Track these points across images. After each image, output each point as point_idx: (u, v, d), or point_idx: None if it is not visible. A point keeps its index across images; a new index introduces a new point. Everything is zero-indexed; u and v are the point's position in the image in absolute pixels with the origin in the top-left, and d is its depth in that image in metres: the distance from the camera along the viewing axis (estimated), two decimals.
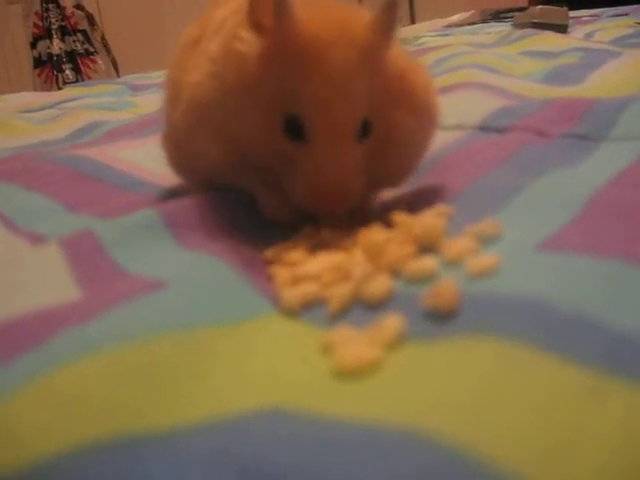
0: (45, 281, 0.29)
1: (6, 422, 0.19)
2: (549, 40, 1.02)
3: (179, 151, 0.39)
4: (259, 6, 0.31)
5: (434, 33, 1.52)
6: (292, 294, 0.25)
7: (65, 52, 2.33)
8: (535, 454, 0.16)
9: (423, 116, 0.34)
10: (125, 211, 0.38)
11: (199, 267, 0.28)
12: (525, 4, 2.21)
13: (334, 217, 0.31)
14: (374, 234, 0.28)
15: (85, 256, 0.31)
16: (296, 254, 0.28)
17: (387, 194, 0.38)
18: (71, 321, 0.24)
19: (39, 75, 2.34)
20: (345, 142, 0.31)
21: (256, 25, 0.31)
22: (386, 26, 0.31)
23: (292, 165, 0.31)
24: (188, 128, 0.35)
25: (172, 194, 0.43)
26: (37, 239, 0.37)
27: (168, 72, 0.41)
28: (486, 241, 0.28)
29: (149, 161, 0.52)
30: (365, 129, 0.31)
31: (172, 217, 0.34)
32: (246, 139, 0.32)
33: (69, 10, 2.35)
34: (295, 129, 0.31)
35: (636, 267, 0.23)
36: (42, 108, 1.03)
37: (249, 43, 0.31)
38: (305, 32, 0.30)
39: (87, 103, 1.01)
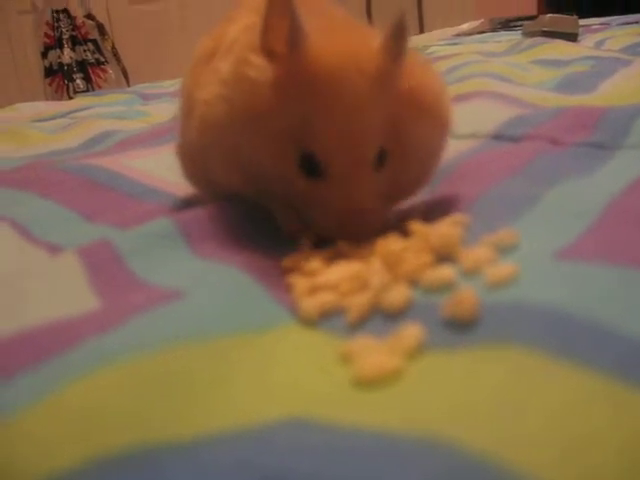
0: (63, 291, 0.29)
1: (23, 434, 0.19)
2: (559, 49, 1.02)
3: (194, 164, 0.39)
4: (272, 31, 0.30)
5: (443, 42, 1.52)
6: (310, 304, 0.25)
7: (76, 62, 2.34)
8: (553, 458, 0.16)
9: (437, 125, 0.34)
10: (140, 220, 0.38)
11: (216, 276, 0.28)
12: (535, 13, 2.21)
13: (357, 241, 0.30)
14: (391, 243, 0.28)
15: (103, 266, 0.31)
16: (314, 263, 0.28)
17: (403, 203, 0.38)
18: (89, 332, 0.24)
19: (50, 84, 2.36)
20: (363, 176, 0.30)
21: (268, 51, 0.31)
22: (396, 49, 0.31)
23: (308, 199, 0.31)
24: (202, 147, 0.35)
25: (186, 203, 0.43)
26: (53, 248, 0.37)
27: (183, 82, 0.41)
28: (503, 250, 0.28)
29: (162, 170, 0.52)
30: (381, 158, 0.31)
31: (188, 227, 0.34)
32: (259, 169, 0.32)
33: (80, 20, 2.37)
34: (310, 166, 0.30)
35: None
36: (54, 117, 1.04)
37: (260, 69, 0.31)
38: (318, 63, 0.30)
39: (98, 112, 1.01)
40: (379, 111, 0.31)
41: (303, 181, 0.31)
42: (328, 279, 0.26)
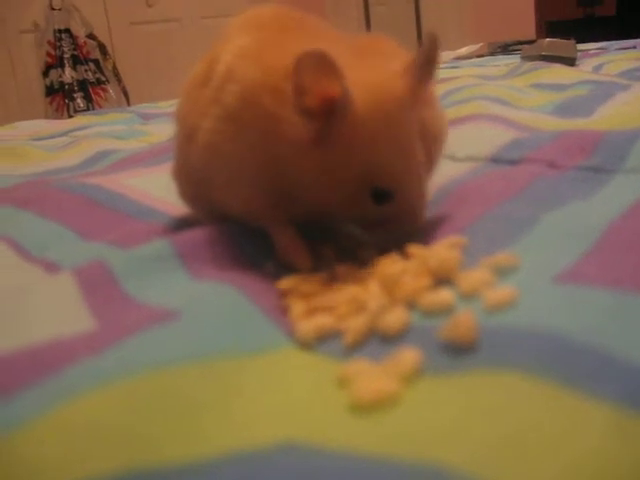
0: (59, 311, 0.29)
1: (19, 454, 0.19)
2: (558, 73, 1.02)
3: (193, 186, 0.39)
4: (306, 94, 0.31)
5: (443, 65, 1.53)
6: (307, 326, 0.25)
7: (77, 81, 2.35)
8: None
9: (444, 120, 0.37)
10: (137, 240, 0.38)
11: (213, 297, 0.28)
12: (533, 37, 2.23)
13: None
14: (389, 266, 0.28)
15: (98, 286, 0.31)
16: (311, 286, 0.28)
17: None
18: (85, 352, 0.24)
19: (50, 103, 2.36)
20: (423, 192, 0.33)
21: (305, 111, 0.31)
22: (427, 70, 0.33)
23: (376, 219, 0.33)
24: (207, 174, 0.36)
25: (183, 223, 0.43)
26: (50, 267, 0.37)
27: (178, 106, 0.41)
28: (502, 273, 0.27)
29: (160, 189, 0.52)
30: None
31: (184, 248, 0.34)
32: (321, 208, 0.33)
33: (82, 40, 2.38)
34: (381, 196, 0.32)
35: None
36: (53, 136, 1.04)
37: (299, 128, 0.31)
38: (364, 114, 0.31)
39: (98, 131, 1.01)
40: (416, 124, 0.32)
41: (373, 207, 0.32)
42: (325, 301, 0.26)
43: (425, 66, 0.32)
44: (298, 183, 0.32)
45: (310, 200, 0.33)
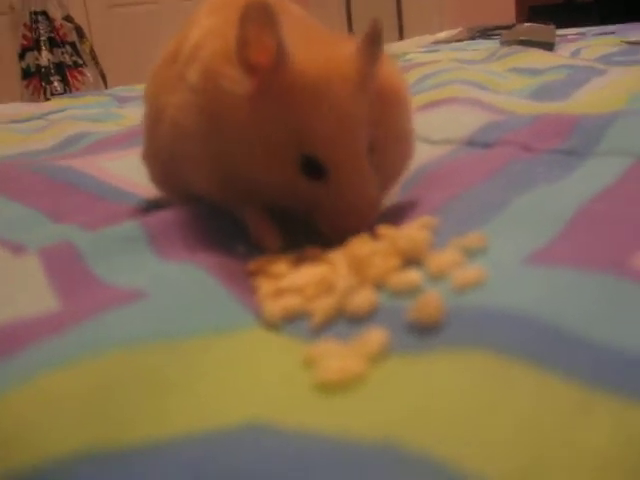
0: (23, 291, 0.29)
1: None
2: (536, 57, 1.02)
3: (163, 169, 0.39)
4: (248, 44, 0.31)
5: (421, 49, 1.53)
6: (275, 306, 0.25)
7: (53, 64, 2.33)
8: (519, 468, 0.16)
9: (407, 111, 0.36)
10: (107, 222, 0.38)
11: (180, 278, 0.28)
12: (512, 22, 2.23)
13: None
14: (359, 247, 0.28)
15: (64, 267, 0.30)
16: (279, 266, 0.28)
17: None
18: (49, 331, 0.23)
19: (27, 86, 2.34)
20: (363, 168, 0.32)
21: (245, 64, 0.31)
22: (373, 52, 0.32)
23: (312, 200, 0.32)
24: (174, 152, 0.35)
25: (154, 205, 0.43)
26: (18, 249, 0.37)
27: (146, 87, 0.41)
28: (471, 254, 0.27)
29: (132, 172, 0.52)
30: (370, 151, 0.32)
31: (154, 229, 0.33)
32: (252, 177, 0.32)
33: (58, 22, 2.35)
34: (312, 169, 0.31)
35: (622, 280, 0.23)
36: (29, 119, 1.03)
37: (238, 82, 0.31)
38: (304, 73, 0.30)
39: (74, 114, 1.00)
40: (364, 109, 0.32)
41: (305, 184, 0.31)
42: (293, 282, 0.26)
43: (371, 49, 0.32)
44: (236, 148, 0.32)
45: (247, 173, 0.32)
